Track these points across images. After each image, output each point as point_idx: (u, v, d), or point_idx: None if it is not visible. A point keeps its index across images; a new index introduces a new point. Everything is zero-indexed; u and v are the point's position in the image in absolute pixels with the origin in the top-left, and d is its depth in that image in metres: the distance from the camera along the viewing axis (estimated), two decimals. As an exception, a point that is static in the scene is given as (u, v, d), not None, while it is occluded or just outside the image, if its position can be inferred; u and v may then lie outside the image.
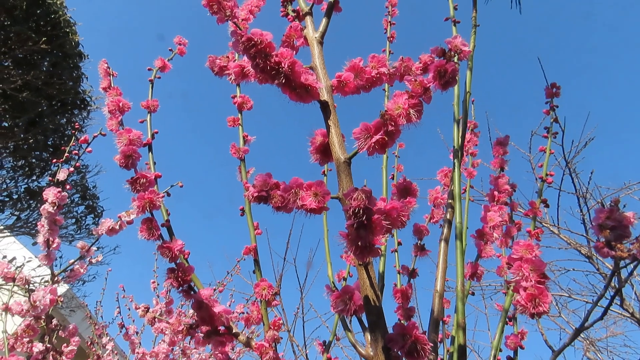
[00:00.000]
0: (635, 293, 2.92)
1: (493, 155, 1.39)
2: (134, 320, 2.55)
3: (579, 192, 3.10)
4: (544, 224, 3.54)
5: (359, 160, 0.70)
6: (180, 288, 0.86)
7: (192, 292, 0.87)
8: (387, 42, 1.52)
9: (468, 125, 1.49)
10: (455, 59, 0.65)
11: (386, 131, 0.63)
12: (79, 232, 6.84)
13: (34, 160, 6.45)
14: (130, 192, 0.86)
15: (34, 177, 6.40)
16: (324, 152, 0.74)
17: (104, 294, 3.17)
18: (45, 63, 5.36)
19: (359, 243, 0.53)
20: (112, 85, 0.95)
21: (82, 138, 1.10)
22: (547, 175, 1.15)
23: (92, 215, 6.68)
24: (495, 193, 1.25)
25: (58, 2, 5.01)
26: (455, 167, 0.96)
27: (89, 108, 6.41)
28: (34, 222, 6.62)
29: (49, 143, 6.47)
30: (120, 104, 0.90)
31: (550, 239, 3.74)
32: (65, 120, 6.30)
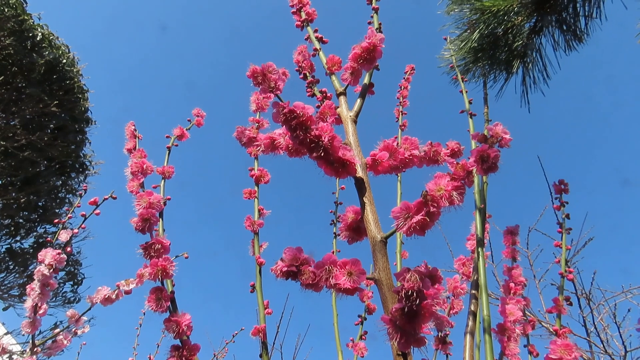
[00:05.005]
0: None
1: (504, 245, 1.37)
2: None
3: (579, 293, 3.03)
4: (543, 324, 3.42)
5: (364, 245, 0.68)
6: (183, 369, 0.78)
7: (194, 375, 0.79)
8: (399, 130, 1.57)
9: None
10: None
11: (427, 212, 0.61)
12: (54, 299, 6.50)
13: (21, 221, 6.30)
14: (143, 258, 0.81)
15: (18, 238, 6.21)
16: (355, 230, 0.72)
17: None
18: (51, 125, 5.46)
19: (406, 330, 0.49)
20: (137, 148, 0.94)
21: (92, 200, 1.06)
22: (566, 271, 1.13)
23: (72, 283, 6.38)
24: (511, 285, 1.21)
25: (74, 70, 5.22)
26: (480, 257, 0.93)
27: (86, 172, 6.41)
28: (8, 284, 6.30)
29: (40, 204, 6.37)
30: (144, 166, 0.88)
31: (549, 339, 3.59)
32: (60, 182, 6.26)
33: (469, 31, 1.41)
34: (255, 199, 1.15)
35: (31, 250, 6.19)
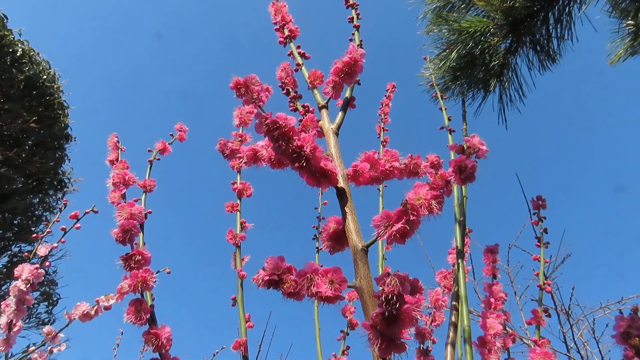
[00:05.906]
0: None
1: (484, 263, 1.39)
2: None
3: (558, 309, 3.06)
4: (524, 340, 3.44)
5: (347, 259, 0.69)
6: (162, 383, 0.77)
7: (173, 390, 0.78)
8: (381, 146, 1.60)
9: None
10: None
11: (407, 220, 0.62)
12: (27, 320, 6.28)
13: (-6, 239, 6.11)
14: (122, 269, 0.80)
15: (-9, 257, 6.01)
16: (337, 239, 0.72)
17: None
18: (30, 141, 5.37)
19: (386, 335, 0.49)
20: (120, 159, 0.94)
21: (73, 213, 1.05)
22: (544, 284, 1.15)
23: (46, 304, 6.18)
24: (492, 300, 1.23)
25: (55, 86, 5.17)
26: (460, 268, 0.94)
27: (65, 190, 6.29)
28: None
29: (15, 222, 6.20)
30: (126, 177, 0.88)
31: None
32: (37, 200, 6.12)
33: (447, 51, 1.46)
34: (238, 212, 1.15)
35: (4, 269, 6.00)
